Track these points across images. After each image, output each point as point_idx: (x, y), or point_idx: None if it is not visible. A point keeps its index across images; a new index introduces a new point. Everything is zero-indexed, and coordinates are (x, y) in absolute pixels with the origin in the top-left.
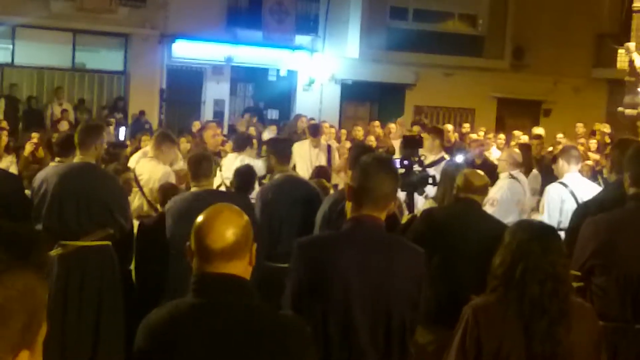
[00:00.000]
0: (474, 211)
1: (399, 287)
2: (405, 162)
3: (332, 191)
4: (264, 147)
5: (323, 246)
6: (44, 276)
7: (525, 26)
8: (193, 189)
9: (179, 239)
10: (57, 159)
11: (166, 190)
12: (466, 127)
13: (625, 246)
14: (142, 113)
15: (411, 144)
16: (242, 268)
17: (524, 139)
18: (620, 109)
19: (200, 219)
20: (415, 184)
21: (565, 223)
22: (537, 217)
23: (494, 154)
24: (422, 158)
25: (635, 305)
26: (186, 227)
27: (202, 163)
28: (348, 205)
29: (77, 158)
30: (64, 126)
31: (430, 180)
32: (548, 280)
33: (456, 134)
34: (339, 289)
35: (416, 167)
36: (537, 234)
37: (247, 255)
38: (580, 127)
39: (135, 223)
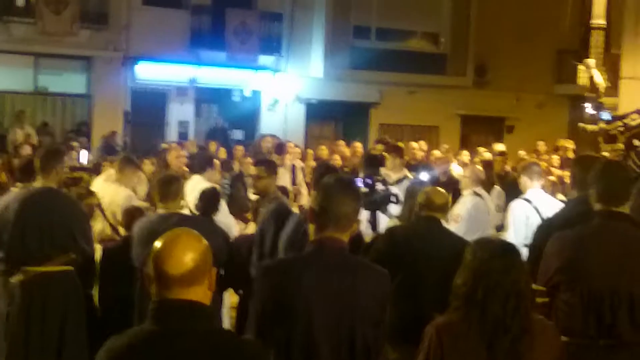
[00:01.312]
0: (435, 229)
1: (362, 309)
2: (368, 181)
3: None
4: (256, 169)
5: (285, 270)
6: None
7: (487, 44)
8: (159, 211)
9: (143, 262)
10: (18, 184)
11: (131, 214)
12: (422, 144)
13: (590, 262)
14: (113, 134)
15: (373, 163)
16: (201, 294)
17: (487, 155)
18: (581, 124)
19: (157, 244)
20: (379, 203)
21: (529, 239)
22: (503, 235)
23: (455, 171)
24: (387, 177)
25: (599, 322)
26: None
27: (172, 184)
28: (311, 227)
29: (38, 183)
30: (26, 150)
31: (393, 199)
32: (510, 298)
33: (422, 152)
34: (302, 312)
35: (380, 186)
36: (498, 252)
37: (206, 281)
38: (541, 146)
39: (98, 247)
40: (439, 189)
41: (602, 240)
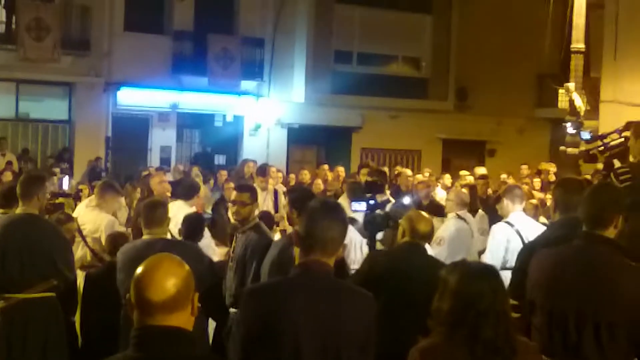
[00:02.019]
0: (418, 254)
1: (347, 333)
2: (372, 202)
3: (279, 236)
4: (241, 195)
5: (271, 293)
6: None
7: (467, 68)
8: (145, 237)
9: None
10: (0, 210)
11: (116, 239)
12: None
13: (562, 282)
14: (98, 159)
15: (374, 189)
16: (184, 319)
17: (470, 179)
18: (562, 148)
19: (139, 270)
20: (379, 225)
21: (511, 262)
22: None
23: (439, 195)
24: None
25: (564, 342)
26: None
27: (157, 210)
28: (296, 251)
29: (19, 209)
30: (7, 177)
31: (391, 222)
32: (501, 321)
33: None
34: (288, 335)
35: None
36: (483, 275)
37: (189, 306)
38: (524, 169)
39: (79, 273)
40: (424, 215)
41: (579, 262)
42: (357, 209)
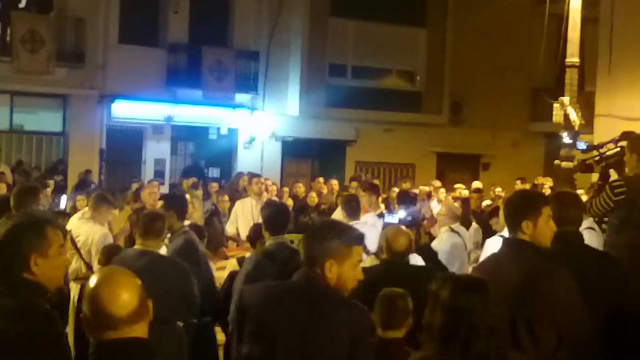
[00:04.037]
0: (403, 268)
1: (329, 340)
2: (409, 219)
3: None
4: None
5: (265, 296)
6: None
7: (462, 81)
8: (137, 247)
9: None
10: None
11: (110, 252)
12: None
13: (493, 287)
14: (88, 172)
15: (405, 200)
16: (145, 328)
17: (464, 193)
18: (556, 161)
19: (92, 286)
20: None
21: None
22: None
23: (435, 209)
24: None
25: None
26: None
27: (156, 222)
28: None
29: None
30: (1, 189)
31: None
32: (493, 334)
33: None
34: (269, 336)
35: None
36: (473, 288)
37: (146, 315)
38: (519, 184)
39: (73, 285)
40: (401, 230)
41: (506, 268)
42: (390, 221)
